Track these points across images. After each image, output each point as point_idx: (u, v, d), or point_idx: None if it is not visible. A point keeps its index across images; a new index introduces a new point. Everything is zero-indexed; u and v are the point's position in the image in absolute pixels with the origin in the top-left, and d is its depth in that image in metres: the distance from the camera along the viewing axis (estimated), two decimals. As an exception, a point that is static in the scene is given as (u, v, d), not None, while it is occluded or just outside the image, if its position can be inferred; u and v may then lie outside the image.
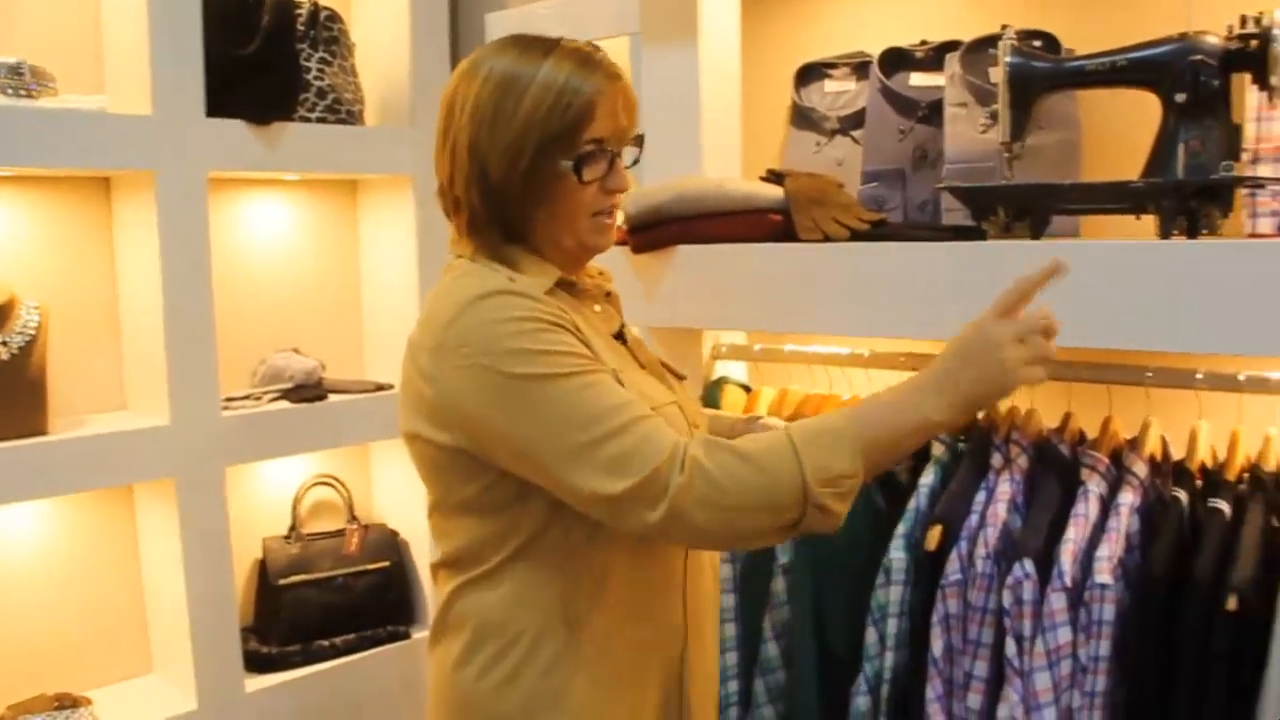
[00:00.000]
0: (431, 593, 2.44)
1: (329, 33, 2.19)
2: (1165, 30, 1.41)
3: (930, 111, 1.74)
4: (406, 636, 2.39)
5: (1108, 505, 1.38)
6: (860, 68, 1.84)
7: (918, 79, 1.77)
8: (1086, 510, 1.35)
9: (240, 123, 2.06)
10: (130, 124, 1.93)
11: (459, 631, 1.24)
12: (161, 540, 2.11)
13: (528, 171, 1.17)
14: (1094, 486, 1.39)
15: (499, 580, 1.21)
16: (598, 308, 1.30)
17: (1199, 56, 1.35)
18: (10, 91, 1.84)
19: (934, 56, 1.75)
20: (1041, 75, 1.46)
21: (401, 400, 1.24)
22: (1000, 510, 1.40)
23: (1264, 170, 1.49)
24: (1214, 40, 1.36)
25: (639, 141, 1.27)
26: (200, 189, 2.01)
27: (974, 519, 1.41)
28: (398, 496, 2.51)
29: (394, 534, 2.46)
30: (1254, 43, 1.32)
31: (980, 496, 1.44)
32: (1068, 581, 1.29)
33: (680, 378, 1.37)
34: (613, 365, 1.18)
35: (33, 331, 1.90)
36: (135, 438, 1.98)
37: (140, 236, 2.03)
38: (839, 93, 1.87)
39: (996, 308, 1.16)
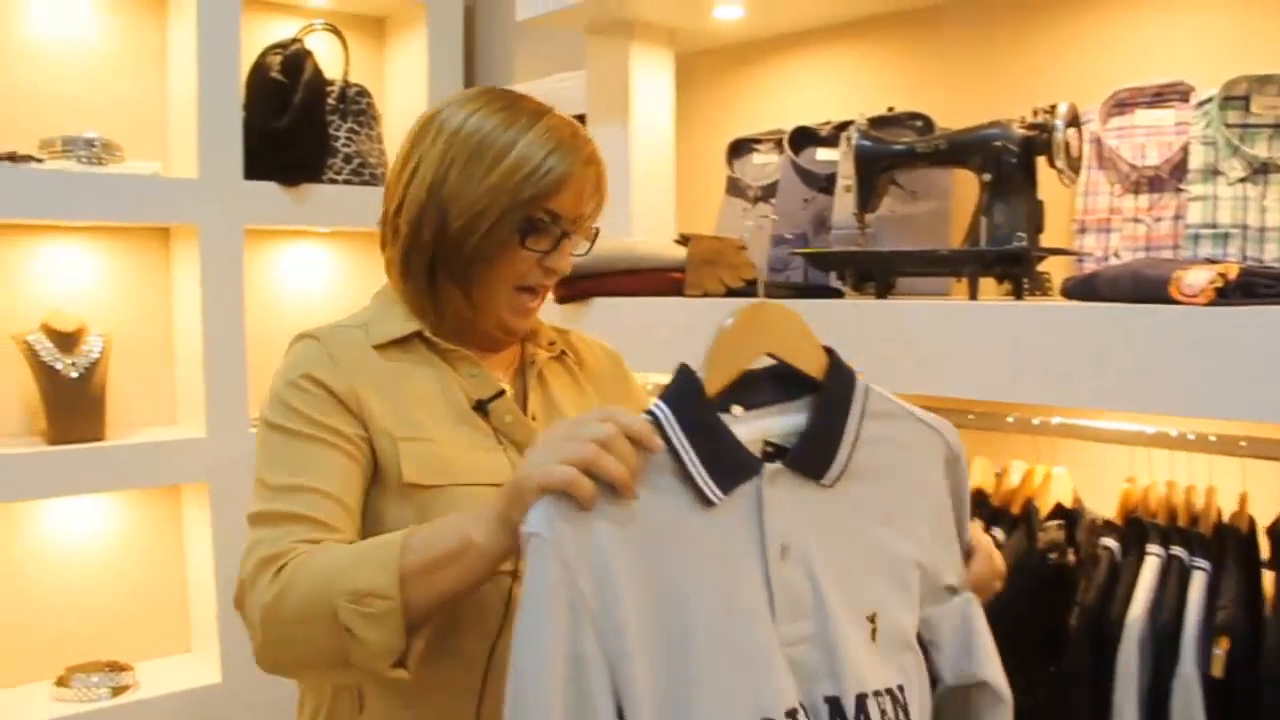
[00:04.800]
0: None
1: (357, 106, 2.56)
2: (1021, 108, 1.60)
3: (830, 183, 1.97)
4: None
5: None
6: (781, 143, 2.09)
7: (823, 154, 2.01)
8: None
9: (273, 184, 2.43)
10: (179, 185, 2.32)
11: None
12: (200, 536, 2.48)
13: (488, 230, 1.16)
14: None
15: None
16: (474, 372, 1.22)
17: (1001, 142, 1.56)
18: (85, 160, 2.26)
19: (835, 134, 1.98)
20: (882, 155, 1.69)
21: None
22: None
23: (1089, 239, 1.68)
24: (1016, 128, 1.56)
25: (594, 234, 1.27)
26: (237, 240, 2.39)
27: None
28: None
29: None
30: (1043, 132, 1.53)
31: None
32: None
33: None
34: (405, 432, 1.14)
35: (96, 356, 2.31)
36: (175, 447, 2.35)
37: (190, 279, 2.42)
38: (763, 164, 2.12)
39: None
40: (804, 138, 2.03)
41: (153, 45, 2.49)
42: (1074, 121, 1.52)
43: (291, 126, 2.41)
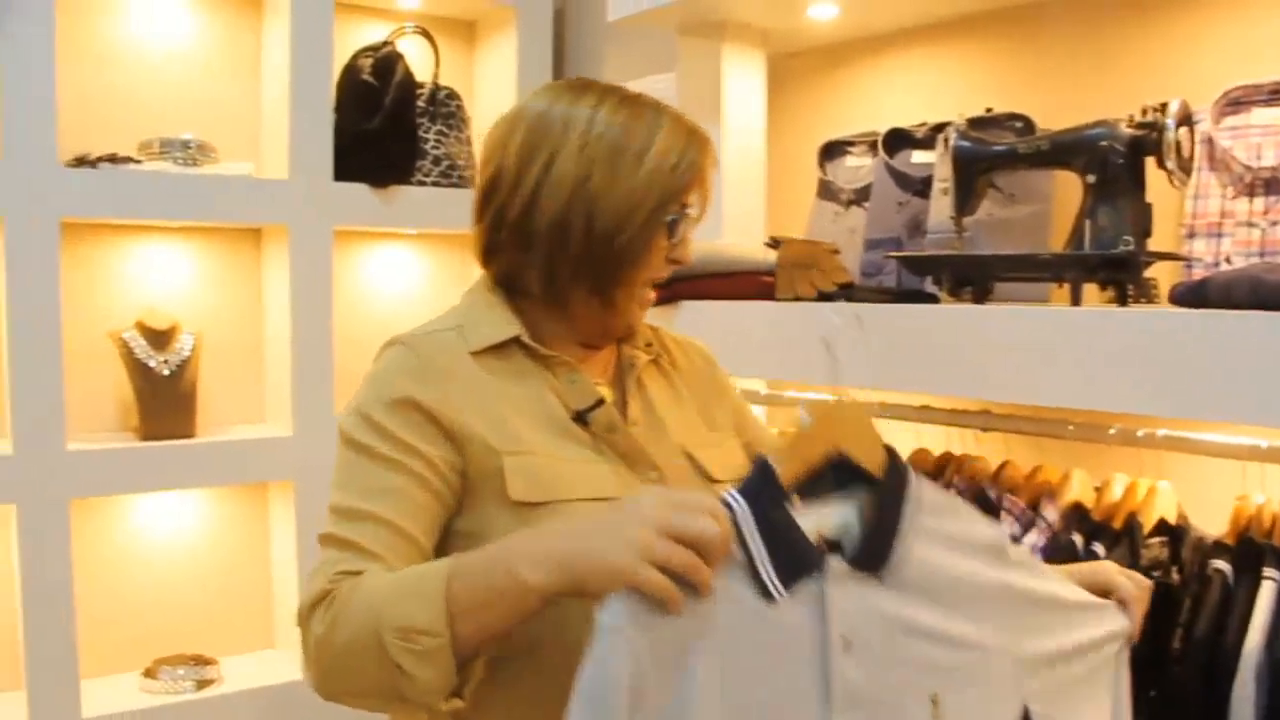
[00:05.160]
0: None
1: (447, 109, 2.57)
2: (1124, 110, 1.54)
3: (925, 186, 1.91)
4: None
5: (1017, 542, 1.52)
6: (875, 145, 2.04)
7: (918, 157, 1.95)
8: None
9: (363, 186, 2.45)
10: (269, 186, 2.35)
11: None
12: (285, 534, 2.50)
13: (640, 227, 1.14)
14: (1005, 527, 1.53)
15: None
16: (574, 379, 1.18)
17: (1107, 141, 1.49)
18: (180, 161, 2.30)
19: (930, 136, 1.93)
20: (982, 156, 1.63)
21: None
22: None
23: (1198, 244, 1.61)
24: (1124, 127, 1.50)
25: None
26: (326, 241, 2.41)
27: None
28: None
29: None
30: (1153, 131, 1.46)
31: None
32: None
33: (713, 480, 1.22)
34: (508, 446, 1.11)
35: (187, 354, 2.34)
36: (262, 445, 2.38)
37: (280, 279, 2.45)
38: (857, 167, 2.07)
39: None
40: (898, 140, 1.98)
41: (247, 48, 2.53)
42: (1186, 120, 1.45)
43: (382, 128, 2.42)
